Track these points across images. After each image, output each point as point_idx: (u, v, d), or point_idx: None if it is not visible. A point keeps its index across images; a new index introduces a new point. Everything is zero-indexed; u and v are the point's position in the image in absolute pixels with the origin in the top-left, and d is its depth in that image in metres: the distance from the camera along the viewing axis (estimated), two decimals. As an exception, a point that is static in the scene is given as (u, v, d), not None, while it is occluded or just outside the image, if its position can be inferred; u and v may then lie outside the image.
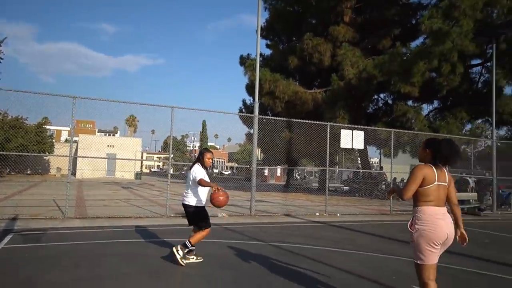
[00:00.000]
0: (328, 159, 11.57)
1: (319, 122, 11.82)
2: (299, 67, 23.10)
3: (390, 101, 22.22)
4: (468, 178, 15.35)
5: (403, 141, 18.07)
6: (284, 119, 11.70)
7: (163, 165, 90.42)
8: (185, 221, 5.46)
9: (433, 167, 3.06)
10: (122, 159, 27.49)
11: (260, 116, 10.59)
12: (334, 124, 11.89)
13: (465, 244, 3.24)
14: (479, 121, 19.54)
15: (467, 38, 14.87)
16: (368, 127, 12.82)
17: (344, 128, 11.96)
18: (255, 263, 5.23)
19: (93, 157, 25.07)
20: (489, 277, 5.03)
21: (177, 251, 4.90)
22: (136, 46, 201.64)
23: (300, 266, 5.11)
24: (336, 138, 12.15)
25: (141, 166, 40.75)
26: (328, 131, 11.46)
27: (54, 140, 36.54)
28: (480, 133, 20.17)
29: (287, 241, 6.86)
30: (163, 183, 30.32)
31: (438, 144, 3.12)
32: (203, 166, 5.12)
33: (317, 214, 11.31)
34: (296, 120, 12.13)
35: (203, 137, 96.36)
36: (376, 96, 22.67)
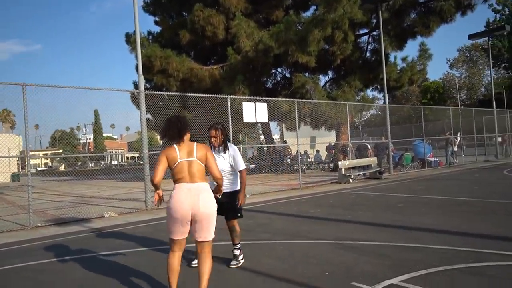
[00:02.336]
0: (231, 137, 10.40)
1: (218, 95, 10.56)
2: (193, 42, 21.36)
3: (288, 75, 22.00)
4: (367, 144, 15.78)
5: (304, 113, 17.92)
6: (176, 93, 10.15)
7: (51, 162, 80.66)
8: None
9: (175, 146, 3.11)
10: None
11: (147, 92, 8.89)
12: (235, 97, 10.78)
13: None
14: (370, 88, 20.43)
15: (355, 5, 14.93)
16: (271, 98, 12.03)
17: (245, 101, 10.89)
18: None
19: None
20: (427, 250, 4.42)
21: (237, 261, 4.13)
22: (4, 30, 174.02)
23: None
24: (238, 114, 11.08)
25: (19, 166, 34.87)
26: (229, 104, 10.27)
27: None
28: (372, 100, 21.22)
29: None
30: (47, 183, 26.26)
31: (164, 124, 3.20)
32: (210, 144, 4.09)
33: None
34: (191, 94, 10.70)
35: (97, 128, 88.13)
36: (274, 71, 22.25)
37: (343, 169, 12.54)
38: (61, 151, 71.94)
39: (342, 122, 17.27)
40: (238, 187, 4.16)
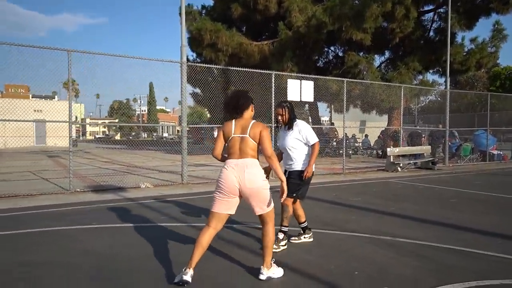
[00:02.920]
0: (273, 115, 9.98)
1: (262, 71, 10.09)
2: (244, 16, 20.86)
3: (341, 53, 20.87)
4: (420, 131, 14.63)
5: (354, 95, 16.96)
6: (218, 66, 9.76)
7: (108, 130, 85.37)
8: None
9: (233, 121, 3.17)
10: (47, 121, 24.25)
11: (190, 63, 8.66)
12: (280, 73, 10.26)
13: (281, 198, 3.26)
14: (431, 71, 18.82)
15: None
16: (318, 76, 11.36)
17: (291, 78, 10.35)
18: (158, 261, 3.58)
19: (7, 120, 21.66)
20: (487, 257, 3.80)
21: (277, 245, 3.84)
22: (74, 3, 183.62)
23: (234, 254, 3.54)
24: (285, 92, 10.58)
25: (75, 132, 37.05)
26: (273, 81, 9.81)
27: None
28: (432, 84, 19.60)
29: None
30: (101, 150, 27.68)
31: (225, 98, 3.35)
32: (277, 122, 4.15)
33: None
34: (234, 68, 10.28)
35: (151, 100, 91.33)
36: (326, 49, 21.23)
37: (391, 157, 11.71)
38: (117, 120, 75.74)
39: (396, 106, 16.13)
40: (300, 168, 4.02)
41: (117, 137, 65.45)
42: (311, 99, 10.58)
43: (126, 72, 8.33)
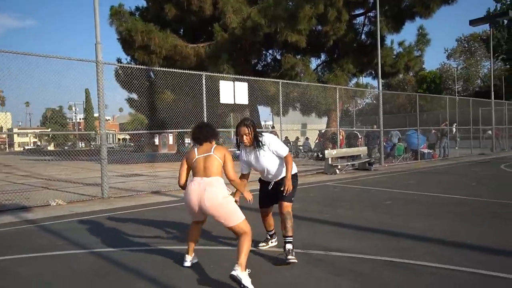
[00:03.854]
0: (205, 118, 9.35)
1: (191, 71, 9.43)
2: (179, 18, 20.03)
3: (278, 56, 20.80)
4: (357, 132, 14.81)
5: (293, 97, 16.86)
6: (142, 67, 8.79)
7: (40, 141, 78.95)
8: None
9: (195, 148, 3.41)
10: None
11: (107, 63, 7.72)
12: (211, 74, 9.63)
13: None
14: (364, 74, 19.36)
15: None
16: (252, 78, 10.89)
17: (223, 79, 9.78)
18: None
19: None
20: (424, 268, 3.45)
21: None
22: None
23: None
24: (218, 94, 9.98)
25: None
26: (204, 82, 9.17)
27: None
28: (366, 86, 20.16)
29: (128, 239, 4.53)
30: (26, 162, 25.11)
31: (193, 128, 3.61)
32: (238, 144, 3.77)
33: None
34: (159, 68, 9.49)
35: (88, 108, 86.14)
36: (265, 52, 21.05)
37: (330, 159, 11.58)
38: (49, 130, 70.32)
39: (333, 108, 16.27)
40: (284, 174, 3.77)
41: (50, 147, 60.64)
42: (245, 101, 10.09)
43: (53, 76, 7.29)
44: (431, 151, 16.06)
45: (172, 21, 20.20)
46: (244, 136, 3.59)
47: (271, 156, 3.72)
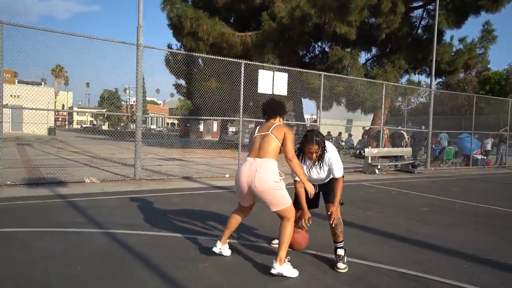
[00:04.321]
0: (242, 107, 9.26)
1: (230, 59, 9.32)
2: (229, 5, 20.04)
3: (327, 49, 20.18)
4: (403, 132, 14.00)
5: (337, 92, 16.27)
6: (180, 51, 8.78)
7: (96, 120, 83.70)
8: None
9: (258, 127, 3.38)
10: (24, 108, 23.21)
11: (147, 46, 7.81)
12: (250, 62, 9.45)
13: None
14: (418, 71, 18.19)
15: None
16: (292, 68, 10.56)
17: (263, 69, 9.59)
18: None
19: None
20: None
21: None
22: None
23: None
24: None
25: (53, 120, 35.86)
26: (242, 70, 9.05)
27: None
28: (418, 84, 18.98)
29: (146, 223, 4.54)
30: (78, 139, 26.69)
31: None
32: (303, 157, 3.48)
33: (227, 175, 9.14)
34: (199, 55, 9.48)
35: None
36: (313, 43, 20.49)
37: (369, 158, 11.05)
38: (104, 110, 74.31)
39: (379, 105, 15.51)
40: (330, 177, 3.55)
41: (105, 127, 64.14)
42: (284, 92, 9.83)
43: (111, 59, 7.71)
44: (485, 157, 14.83)
45: (223, 8, 20.24)
46: (311, 154, 3.34)
47: (327, 168, 3.47)
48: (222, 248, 3.41)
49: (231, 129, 45.17)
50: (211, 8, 19.96)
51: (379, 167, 11.10)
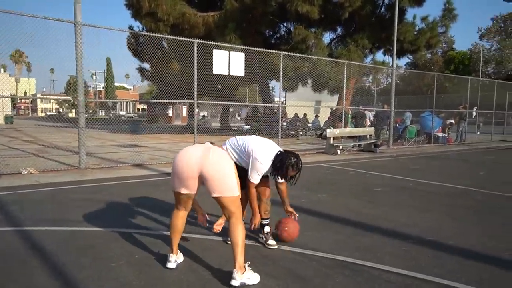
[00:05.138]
0: (196, 90, 8.81)
1: (181, 38, 8.80)
2: (192, -16, 19.24)
3: (292, 29, 19.79)
4: (366, 112, 13.95)
5: (301, 73, 16.00)
6: (121, 29, 8.03)
7: (61, 108, 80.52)
8: None
9: None
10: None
11: (87, 24, 7.16)
12: (204, 42, 8.94)
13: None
14: (382, 50, 18.13)
15: None
16: (250, 48, 10.16)
17: (217, 48, 9.11)
18: None
19: None
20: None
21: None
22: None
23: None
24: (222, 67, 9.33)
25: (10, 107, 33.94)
26: (195, 50, 8.55)
27: None
28: (382, 64, 18.94)
29: (72, 217, 4.11)
30: (38, 128, 25.40)
31: None
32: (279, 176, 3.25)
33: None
34: (145, 33, 8.85)
35: (109, 76, 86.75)
36: (279, 24, 20.01)
37: (331, 138, 10.89)
38: (69, 97, 71.44)
39: (343, 85, 15.38)
40: None
41: (71, 114, 61.70)
42: (241, 73, 9.43)
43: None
44: (445, 134, 15.05)
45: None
46: (288, 177, 3.16)
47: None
48: (177, 258, 2.87)
49: (202, 113, 44.31)
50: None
51: (341, 147, 10.98)
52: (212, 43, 9.18)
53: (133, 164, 8.14)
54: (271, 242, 3.37)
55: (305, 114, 20.25)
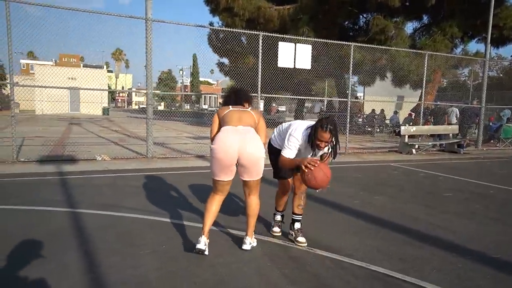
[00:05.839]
0: (260, 83, 8.77)
1: (248, 31, 8.82)
2: (268, -22, 19.20)
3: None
4: (453, 108, 12.52)
5: (380, 65, 15.03)
6: (190, 24, 8.21)
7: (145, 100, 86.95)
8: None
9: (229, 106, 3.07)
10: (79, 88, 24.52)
11: (157, 20, 7.53)
12: (269, 34, 8.83)
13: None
14: (476, 39, 16.17)
15: None
16: (318, 40, 9.78)
17: (284, 41, 8.93)
18: None
19: (32, 86, 21.94)
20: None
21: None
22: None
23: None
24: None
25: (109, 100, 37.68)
26: (260, 44, 8.50)
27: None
28: (476, 55, 16.89)
29: (123, 203, 4.35)
30: (129, 120, 27.80)
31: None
32: (312, 145, 3.00)
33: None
34: (215, 27, 8.91)
35: (194, 72, 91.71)
36: (359, 15, 19.03)
37: (406, 137, 10.05)
38: (158, 91, 76.98)
39: (428, 79, 14.07)
40: None
41: (161, 107, 66.62)
42: (308, 66, 9.13)
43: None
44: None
45: (262, -18, 19.42)
46: (323, 143, 2.95)
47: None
48: (206, 241, 2.88)
49: (281, 108, 44.25)
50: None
51: (417, 146, 10.07)
52: (278, 35, 9.04)
53: (196, 155, 8.41)
54: (301, 239, 3.21)
55: (382, 110, 19.06)
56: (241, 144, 2.78)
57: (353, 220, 4.01)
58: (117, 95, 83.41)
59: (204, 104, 78.52)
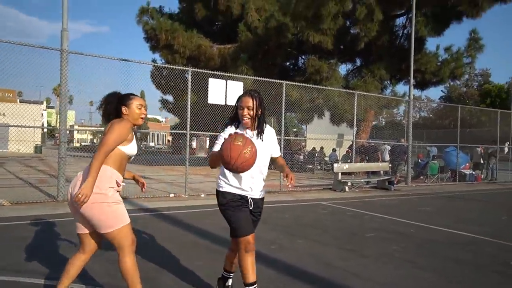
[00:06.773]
0: (189, 119, 8.44)
1: (176, 67, 8.59)
2: (208, 18, 19.54)
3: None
4: (385, 146, 13.00)
5: (318, 104, 15.40)
6: (107, 57, 7.70)
7: (95, 138, 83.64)
8: None
9: None
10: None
11: (73, 52, 7.01)
12: (198, 70, 8.64)
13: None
14: (403, 82, 17.29)
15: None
16: (250, 77, 9.78)
17: (213, 77, 8.77)
18: None
19: None
20: None
21: None
22: (76, 11, 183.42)
23: None
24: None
25: (43, 137, 35.26)
26: (189, 79, 8.25)
27: None
28: (402, 96, 18.02)
29: (-6, 259, 3.62)
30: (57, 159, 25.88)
31: None
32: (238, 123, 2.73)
33: (172, 195, 8.25)
34: (147, 62, 8.47)
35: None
36: (298, 56, 19.74)
37: (339, 174, 10.09)
38: (102, 128, 74.25)
39: (362, 118, 14.64)
40: (263, 193, 2.84)
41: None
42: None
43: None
44: (474, 172, 13.78)
45: (203, 22, 19.69)
46: (246, 110, 2.58)
47: (267, 153, 2.72)
48: None
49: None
50: (190, 21, 19.42)
51: (349, 183, 10.13)
52: (208, 71, 8.87)
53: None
54: None
55: (322, 148, 19.47)
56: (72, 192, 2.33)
57: (263, 269, 3.63)
58: (57, 132, 78.99)
59: (152, 141, 76.58)
